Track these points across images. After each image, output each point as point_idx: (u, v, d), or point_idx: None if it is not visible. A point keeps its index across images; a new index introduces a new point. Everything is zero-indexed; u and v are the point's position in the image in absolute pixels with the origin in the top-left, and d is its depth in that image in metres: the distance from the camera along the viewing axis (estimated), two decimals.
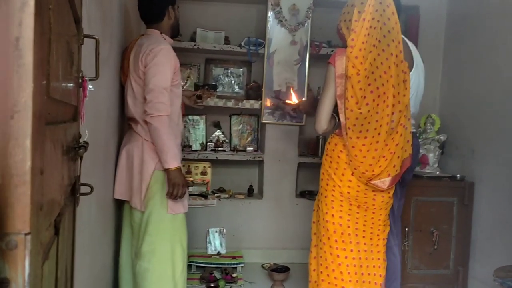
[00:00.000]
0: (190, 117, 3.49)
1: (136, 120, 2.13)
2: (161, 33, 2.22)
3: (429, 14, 3.49)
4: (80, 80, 1.10)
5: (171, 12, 2.25)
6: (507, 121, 2.74)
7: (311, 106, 2.41)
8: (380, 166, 2.00)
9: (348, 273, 2.06)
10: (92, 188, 1.20)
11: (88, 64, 1.32)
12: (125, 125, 2.38)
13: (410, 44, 2.20)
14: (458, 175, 3.08)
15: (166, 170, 2.05)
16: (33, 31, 0.48)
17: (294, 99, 2.74)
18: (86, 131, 1.21)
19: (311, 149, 3.59)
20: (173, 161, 2.04)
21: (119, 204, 2.27)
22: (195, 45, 3.29)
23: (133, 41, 2.24)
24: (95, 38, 1.17)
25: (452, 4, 3.49)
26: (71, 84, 0.96)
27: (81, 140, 1.16)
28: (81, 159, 1.11)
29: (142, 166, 2.09)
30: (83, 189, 1.20)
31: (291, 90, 3.17)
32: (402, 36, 2.07)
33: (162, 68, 2.04)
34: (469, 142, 3.12)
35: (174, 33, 2.33)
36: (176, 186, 2.06)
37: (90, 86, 1.16)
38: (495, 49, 2.90)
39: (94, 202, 1.71)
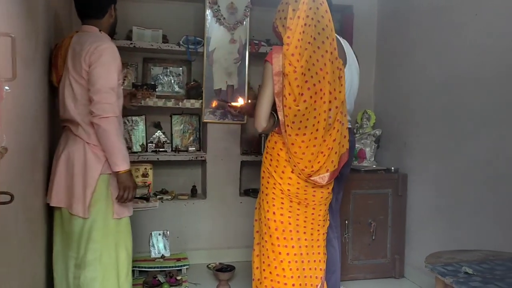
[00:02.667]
0: (129, 117, 3.38)
1: (77, 123, 2.01)
2: (100, 30, 2.11)
3: (362, 14, 3.62)
4: None
5: (112, 11, 2.16)
6: (435, 115, 2.90)
7: (252, 108, 2.39)
8: (318, 162, 2.05)
9: (290, 269, 2.09)
10: (12, 196, 1.12)
11: (6, 64, 1.24)
12: (56, 127, 2.25)
13: (343, 41, 2.27)
14: (392, 168, 3.23)
15: (116, 173, 1.98)
16: None
17: (240, 101, 2.72)
18: (4, 136, 1.13)
19: (254, 147, 3.61)
20: (124, 164, 1.98)
21: (52, 211, 2.14)
22: (131, 43, 3.20)
23: (66, 38, 2.11)
24: (10, 36, 1.10)
25: (382, 3, 3.64)
26: None
27: None
28: None
29: (86, 171, 1.99)
30: (3, 198, 1.12)
31: (239, 97, 3.08)
32: (336, 34, 2.13)
33: (108, 67, 1.95)
34: (401, 136, 3.28)
35: (112, 33, 2.24)
36: (127, 189, 2.00)
37: (7, 87, 1.08)
38: (423, 46, 3.06)
39: (21, 210, 1.61)
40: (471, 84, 2.59)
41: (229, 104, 2.62)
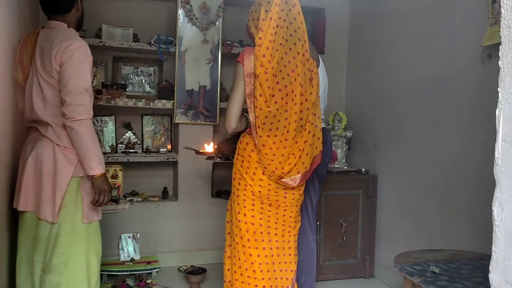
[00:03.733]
0: (98, 117, 3.30)
1: (46, 123, 1.93)
2: (68, 26, 2.03)
3: (334, 17, 3.67)
4: None
5: (79, 4, 2.08)
6: (405, 118, 2.96)
7: (234, 142, 2.28)
8: (289, 164, 2.05)
9: (261, 271, 2.09)
10: None
11: None
12: (19, 127, 2.16)
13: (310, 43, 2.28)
14: (363, 169, 3.28)
15: (91, 177, 1.92)
16: None
17: (209, 149, 2.51)
18: None
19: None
20: (99, 167, 1.91)
21: (17, 215, 2.06)
22: (100, 41, 3.12)
23: (31, 34, 2.02)
24: None
25: (354, 7, 3.70)
26: None
27: None
28: None
29: (56, 174, 1.91)
30: None
31: (209, 143, 2.66)
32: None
33: (81, 67, 1.88)
34: (372, 138, 3.33)
35: (79, 27, 2.16)
36: (103, 192, 1.94)
37: None
38: (393, 50, 3.12)
39: None
40: (439, 87, 2.65)
41: (198, 152, 2.50)
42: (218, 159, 2.46)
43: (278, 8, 1.96)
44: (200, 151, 2.54)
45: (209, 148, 2.54)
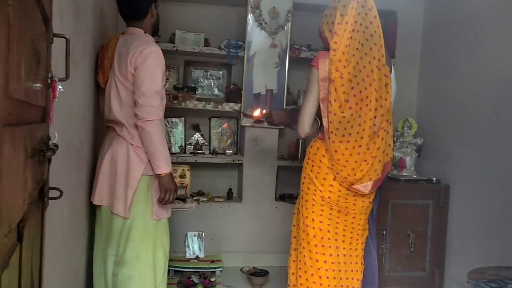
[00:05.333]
0: (168, 119, 3.45)
1: (121, 124, 2.05)
2: (144, 32, 2.15)
3: (406, 20, 3.54)
4: (49, 81, 1.07)
5: (153, 10, 2.18)
6: (481, 125, 2.79)
7: (287, 115, 2.32)
8: (361, 170, 2.00)
9: (327, 277, 2.06)
10: (61, 192, 1.16)
11: (60, 64, 1.28)
12: (99, 126, 2.32)
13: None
14: (434, 178, 3.13)
15: (158, 176, 2.01)
16: None
17: (256, 113, 2.47)
18: (56, 134, 1.17)
19: (291, 152, 3.59)
20: (166, 166, 2.00)
21: (94, 209, 2.21)
22: (174, 46, 3.26)
23: (112, 39, 2.16)
24: (65, 38, 1.14)
25: (428, 10, 3.55)
26: (38, 85, 0.93)
27: (50, 143, 1.12)
28: (49, 162, 1.07)
29: (128, 172, 2.02)
30: (53, 193, 1.16)
31: (254, 107, 2.79)
32: None
33: (153, 71, 1.98)
34: (444, 146, 3.17)
35: (155, 32, 2.28)
36: (169, 191, 2.02)
37: (60, 87, 1.12)
38: (469, 54, 2.95)
39: (67, 206, 1.67)
40: None
41: (252, 116, 2.50)
42: (266, 124, 2.42)
43: (355, 12, 1.93)
44: (253, 115, 2.47)
45: (256, 113, 2.47)
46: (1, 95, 0.56)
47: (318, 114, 2.03)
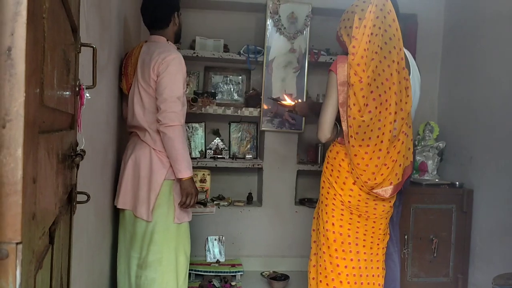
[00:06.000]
0: (189, 124, 3.49)
1: (144, 129, 2.10)
2: (167, 40, 2.20)
3: (427, 23, 3.51)
4: (77, 88, 1.11)
5: (176, 18, 2.23)
6: (505, 128, 2.74)
7: (309, 108, 2.40)
8: (382, 175, 2.00)
9: (348, 282, 2.05)
10: (89, 196, 1.19)
11: (86, 72, 1.33)
12: (122, 132, 2.37)
13: (406, 52, 2.21)
14: (457, 182, 3.08)
15: (180, 180, 2.05)
16: (25, 41, 0.48)
17: (288, 100, 2.70)
18: (83, 139, 1.21)
19: (310, 157, 3.59)
20: (187, 171, 2.04)
21: (117, 212, 2.26)
22: (194, 53, 3.30)
23: (136, 47, 2.22)
24: (92, 47, 1.18)
25: (449, 12, 3.51)
26: (68, 93, 0.96)
27: (78, 148, 1.16)
28: (77, 167, 1.11)
29: (151, 176, 2.07)
30: (80, 197, 1.19)
31: (284, 94, 3.08)
32: None
33: (175, 77, 2.02)
34: (467, 149, 3.12)
35: (177, 39, 2.32)
36: (190, 195, 2.06)
37: (87, 95, 1.16)
38: (492, 57, 2.91)
39: (92, 210, 1.71)
40: None
41: (279, 101, 2.66)
42: (293, 112, 2.57)
43: (373, 16, 1.93)
44: (282, 102, 2.68)
45: (289, 100, 2.71)
46: (37, 103, 0.59)
47: (338, 119, 2.03)
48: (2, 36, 0.47)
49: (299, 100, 2.47)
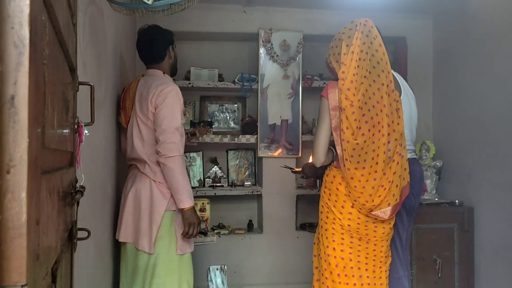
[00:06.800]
0: (186, 154, 3.51)
1: (144, 161, 2.11)
2: (163, 73, 2.23)
3: (416, 45, 3.59)
4: (76, 126, 1.13)
5: (171, 52, 2.28)
6: (501, 145, 2.77)
7: (317, 168, 2.33)
8: (379, 196, 2.01)
9: None
10: (89, 232, 1.20)
11: (84, 109, 1.35)
12: (121, 165, 2.38)
13: (395, 74, 2.25)
14: (456, 201, 3.09)
15: (181, 210, 2.05)
16: (28, 88, 0.50)
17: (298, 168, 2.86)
18: (83, 175, 1.22)
19: (309, 181, 3.59)
20: (188, 200, 2.05)
21: (118, 246, 2.24)
22: (189, 83, 3.35)
23: (133, 82, 2.26)
24: (90, 85, 1.20)
25: (437, 34, 3.59)
26: (67, 131, 0.98)
27: (77, 185, 1.17)
28: (77, 204, 1.12)
29: (152, 208, 2.07)
30: (80, 234, 1.20)
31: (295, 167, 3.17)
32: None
33: (173, 108, 2.05)
34: (465, 167, 3.14)
35: (173, 72, 2.37)
36: (192, 225, 2.06)
37: (86, 131, 1.18)
38: (482, 75, 2.96)
39: (92, 245, 1.70)
40: None
41: (293, 170, 2.80)
42: (304, 177, 2.75)
43: (360, 42, 1.99)
44: (295, 169, 2.84)
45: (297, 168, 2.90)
46: (39, 146, 0.61)
47: (332, 144, 2.06)
48: (5, 86, 0.49)
49: (303, 166, 2.56)
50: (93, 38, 1.67)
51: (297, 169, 2.72)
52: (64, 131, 0.93)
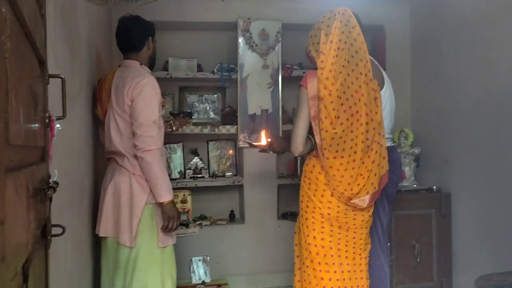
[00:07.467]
0: (167, 145, 3.47)
1: (122, 154, 2.08)
2: (140, 64, 2.19)
3: (394, 33, 3.61)
4: (47, 120, 1.09)
5: (150, 43, 2.24)
6: (477, 131, 2.82)
7: (286, 142, 2.26)
8: (358, 185, 2.03)
9: None
10: (64, 228, 1.17)
11: (56, 103, 1.31)
12: (99, 159, 2.34)
13: (376, 62, 2.26)
14: (434, 187, 3.14)
15: (161, 204, 2.03)
16: None
17: (263, 141, 2.50)
18: (56, 171, 1.19)
19: (290, 170, 3.61)
20: (167, 194, 2.03)
21: (99, 241, 2.21)
22: (168, 74, 3.31)
23: (109, 73, 2.21)
24: (60, 78, 1.17)
25: (415, 22, 3.62)
26: (36, 125, 0.95)
27: (50, 181, 1.14)
28: (50, 200, 1.09)
29: (132, 201, 2.04)
30: (55, 230, 1.17)
31: (262, 133, 2.67)
32: (370, 56, 2.13)
33: (149, 101, 2.02)
34: (442, 154, 3.20)
35: (151, 64, 2.32)
36: (172, 219, 2.05)
37: (58, 125, 1.15)
38: (459, 62, 3.00)
39: (70, 241, 1.67)
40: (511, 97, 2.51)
41: (251, 144, 2.59)
42: (271, 152, 2.42)
43: (338, 31, 1.99)
44: (254, 143, 2.57)
45: (263, 141, 2.50)
46: (1, 143, 0.58)
47: (311, 133, 2.06)
48: None
49: (269, 140, 2.35)
50: (65, 30, 1.62)
51: (258, 144, 2.48)
52: (32, 126, 0.90)
